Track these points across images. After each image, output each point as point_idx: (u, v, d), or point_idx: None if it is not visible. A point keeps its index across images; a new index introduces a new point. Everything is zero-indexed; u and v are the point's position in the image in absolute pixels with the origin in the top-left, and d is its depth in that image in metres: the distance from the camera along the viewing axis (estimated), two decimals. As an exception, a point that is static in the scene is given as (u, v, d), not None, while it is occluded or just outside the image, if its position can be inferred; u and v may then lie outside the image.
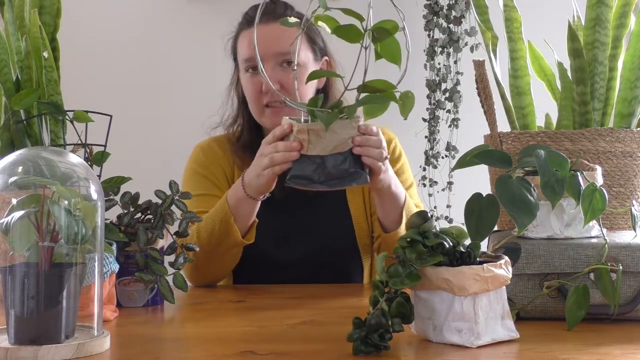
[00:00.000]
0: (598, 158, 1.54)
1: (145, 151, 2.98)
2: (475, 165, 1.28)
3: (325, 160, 1.46)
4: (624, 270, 1.32)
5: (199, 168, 1.97)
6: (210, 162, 1.97)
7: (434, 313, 1.18)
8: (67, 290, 1.13)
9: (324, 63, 1.97)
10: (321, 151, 1.46)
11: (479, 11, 1.72)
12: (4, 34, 1.51)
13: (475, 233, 1.21)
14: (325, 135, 1.45)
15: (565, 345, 1.19)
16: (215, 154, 1.99)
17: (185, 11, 3.06)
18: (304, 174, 1.47)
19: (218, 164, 1.97)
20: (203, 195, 1.91)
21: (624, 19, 1.60)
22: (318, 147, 1.46)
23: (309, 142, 1.46)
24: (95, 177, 1.23)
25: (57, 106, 1.50)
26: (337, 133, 1.46)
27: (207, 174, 1.96)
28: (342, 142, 1.47)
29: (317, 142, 1.46)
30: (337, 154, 1.47)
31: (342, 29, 1.39)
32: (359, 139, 1.48)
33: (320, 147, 1.46)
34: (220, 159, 1.98)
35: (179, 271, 1.51)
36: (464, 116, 2.85)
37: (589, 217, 1.28)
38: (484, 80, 1.58)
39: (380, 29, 1.36)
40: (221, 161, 1.98)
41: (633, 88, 1.59)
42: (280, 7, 1.93)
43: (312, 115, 1.47)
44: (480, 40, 2.81)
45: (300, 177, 1.48)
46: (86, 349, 1.13)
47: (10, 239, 1.14)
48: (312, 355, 1.16)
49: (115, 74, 3.03)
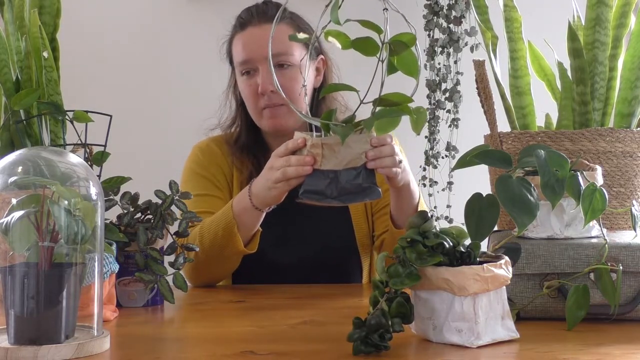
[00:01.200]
0: (598, 158, 1.54)
1: (145, 151, 2.98)
2: (475, 165, 1.28)
3: (338, 175, 1.43)
4: (624, 270, 1.32)
5: (198, 168, 1.97)
6: (210, 163, 1.97)
7: (434, 313, 1.18)
8: (67, 290, 1.13)
9: (319, 62, 1.97)
10: (335, 166, 1.43)
11: (479, 11, 1.73)
12: (4, 34, 1.51)
13: (475, 233, 1.21)
14: (340, 149, 1.42)
15: (565, 345, 1.19)
16: (214, 154, 1.99)
17: (185, 11, 3.06)
18: (317, 189, 1.45)
19: (217, 164, 1.97)
20: (202, 195, 1.90)
21: (624, 19, 1.60)
22: (332, 162, 1.43)
23: (323, 156, 1.43)
24: (95, 177, 1.23)
25: (57, 106, 1.50)
26: (351, 147, 1.43)
27: (206, 174, 1.95)
28: (356, 156, 1.44)
29: (331, 157, 1.43)
30: (350, 169, 1.44)
31: (359, 43, 1.35)
32: (372, 154, 1.45)
33: (334, 162, 1.43)
34: (219, 160, 1.98)
35: (179, 271, 1.51)
36: (464, 116, 2.85)
37: (589, 217, 1.28)
38: (484, 80, 1.58)
39: (398, 42, 1.34)
40: (220, 161, 1.97)
41: (633, 88, 1.59)
42: (272, 9, 1.92)
43: (326, 129, 1.44)
44: (480, 40, 2.81)
45: (313, 192, 1.45)
46: (86, 349, 1.13)
47: (10, 239, 1.14)
48: (312, 355, 1.16)
49: (115, 74, 3.03)
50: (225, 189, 1.94)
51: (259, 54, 1.86)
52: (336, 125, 1.41)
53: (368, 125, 1.39)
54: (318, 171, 1.45)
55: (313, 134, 1.50)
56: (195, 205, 1.83)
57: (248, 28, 1.91)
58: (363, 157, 1.45)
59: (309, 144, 1.47)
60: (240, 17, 1.95)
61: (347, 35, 1.38)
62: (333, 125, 1.42)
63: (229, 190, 1.95)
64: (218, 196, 1.92)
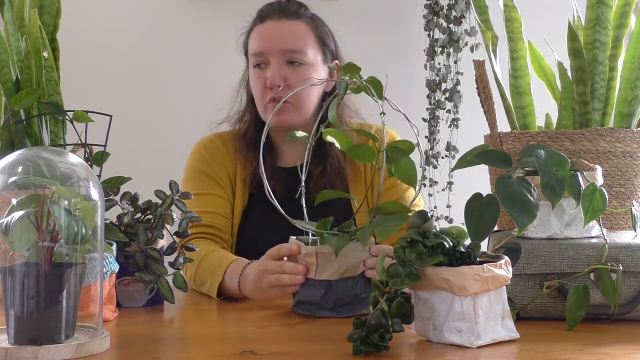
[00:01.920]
0: (598, 158, 1.54)
1: (145, 151, 2.98)
2: (475, 165, 1.28)
3: (334, 285, 1.40)
4: (624, 270, 1.32)
5: (201, 165, 1.94)
6: (213, 160, 1.94)
7: (434, 313, 1.18)
8: (67, 290, 1.13)
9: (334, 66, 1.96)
10: (330, 275, 1.40)
11: (479, 11, 1.73)
12: (4, 34, 1.51)
13: (475, 233, 1.21)
14: (335, 259, 1.38)
15: (565, 345, 1.19)
16: (218, 151, 1.96)
17: (186, 11, 3.06)
18: (312, 300, 1.41)
19: (221, 162, 1.94)
20: (205, 194, 1.89)
21: (624, 19, 1.60)
22: (327, 271, 1.40)
23: (318, 265, 1.40)
24: (95, 177, 1.23)
25: (57, 106, 1.50)
26: (347, 257, 1.39)
27: (209, 172, 1.92)
28: (353, 266, 1.40)
29: (326, 266, 1.40)
30: (347, 279, 1.40)
31: (355, 149, 1.34)
32: (372, 262, 1.40)
33: (330, 271, 1.40)
34: (223, 157, 1.95)
35: (179, 271, 1.51)
36: (464, 116, 2.85)
37: (589, 217, 1.28)
38: (484, 80, 1.58)
39: (395, 149, 1.31)
40: (224, 159, 1.95)
41: (633, 88, 1.59)
42: (294, 5, 1.94)
43: (321, 238, 1.40)
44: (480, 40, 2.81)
45: (307, 302, 1.42)
46: (86, 349, 1.13)
47: (10, 239, 1.14)
48: (312, 355, 1.16)
49: (115, 74, 3.03)
50: (227, 187, 1.92)
51: (274, 47, 1.87)
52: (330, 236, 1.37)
53: (363, 240, 1.34)
54: (313, 281, 1.41)
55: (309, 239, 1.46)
56: (197, 204, 1.82)
57: (267, 21, 1.92)
58: (361, 265, 1.41)
59: (303, 252, 1.43)
60: (262, 10, 1.96)
61: (346, 135, 1.37)
62: (327, 235, 1.37)
63: (232, 188, 1.94)
64: (220, 195, 1.90)
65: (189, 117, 2.96)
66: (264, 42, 1.89)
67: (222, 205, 1.88)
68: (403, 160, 1.31)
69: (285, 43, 1.86)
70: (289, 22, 1.90)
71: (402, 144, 1.31)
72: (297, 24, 1.89)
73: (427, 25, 2.89)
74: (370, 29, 3.01)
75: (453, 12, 2.87)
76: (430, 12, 2.89)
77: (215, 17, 2.98)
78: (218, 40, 2.94)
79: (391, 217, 1.33)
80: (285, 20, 1.89)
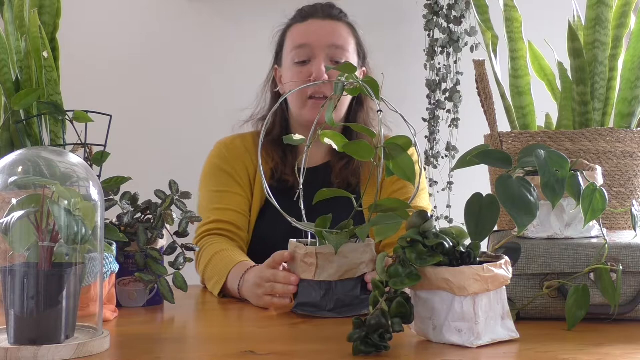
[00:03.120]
0: (598, 158, 1.54)
1: (145, 151, 2.98)
2: (475, 165, 1.28)
3: (334, 287, 1.40)
4: (624, 270, 1.32)
5: (222, 163, 1.97)
6: (233, 158, 1.97)
7: (434, 313, 1.18)
8: (67, 290, 1.13)
9: (360, 74, 1.97)
10: (330, 276, 1.40)
11: (479, 11, 1.73)
12: (3, 34, 1.51)
13: (475, 233, 1.21)
14: (336, 259, 1.38)
15: (565, 345, 1.19)
16: (238, 150, 1.98)
17: (186, 11, 3.06)
18: (312, 302, 1.41)
19: (241, 160, 1.97)
20: (225, 192, 1.91)
21: (624, 19, 1.60)
22: (327, 272, 1.40)
23: (317, 266, 1.40)
24: (95, 177, 1.23)
25: (57, 106, 1.50)
26: (347, 258, 1.39)
27: (229, 169, 1.95)
28: (353, 266, 1.40)
29: (326, 267, 1.39)
30: (347, 280, 1.40)
31: (352, 146, 1.34)
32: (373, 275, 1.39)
33: (330, 272, 1.40)
34: (243, 156, 1.97)
35: (179, 271, 1.51)
36: (464, 116, 2.85)
37: (589, 217, 1.28)
38: (484, 80, 1.58)
39: (393, 145, 1.31)
40: (244, 158, 1.97)
41: (633, 88, 1.59)
42: (337, 9, 1.99)
43: (321, 237, 1.40)
44: (480, 40, 2.82)
45: (308, 304, 1.42)
46: (86, 349, 1.13)
47: (10, 239, 1.14)
48: (312, 355, 1.16)
49: (116, 74, 3.04)
50: (246, 185, 1.94)
51: (320, 41, 1.91)
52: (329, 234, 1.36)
53: (362, 235, 1.34)
54: (313, 282, 1.41)
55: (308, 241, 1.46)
56: (215, 200, 1.85)
57: (310, 20, 1.96)
58: (362, 267, 1.41)
59: (303, 253, 1.43)
60: (303, 10, 1.99)
61: (343, 136, 1.38)
62: (326, 233, 1.37)
63: (250, 186, 1.96)
64: (238, 193, 1.92)
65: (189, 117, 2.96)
66: (310, 36, 1.93)
67: (241, 203, 1.90)
68: (401, 157, 1.32)
69: (331, 39, 1.91)
70: (333, 22, 1.95)
71: (400, 139, 1.32)
72: (341, 26, 1.96)
73: (427, 25, 2.90)
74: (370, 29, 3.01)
75: (453, 12, 2.87)
76: (430, 12, 2.89)
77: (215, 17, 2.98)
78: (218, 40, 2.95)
79: (390, 215, 1.33)
80: (329, 21, 1.95)
